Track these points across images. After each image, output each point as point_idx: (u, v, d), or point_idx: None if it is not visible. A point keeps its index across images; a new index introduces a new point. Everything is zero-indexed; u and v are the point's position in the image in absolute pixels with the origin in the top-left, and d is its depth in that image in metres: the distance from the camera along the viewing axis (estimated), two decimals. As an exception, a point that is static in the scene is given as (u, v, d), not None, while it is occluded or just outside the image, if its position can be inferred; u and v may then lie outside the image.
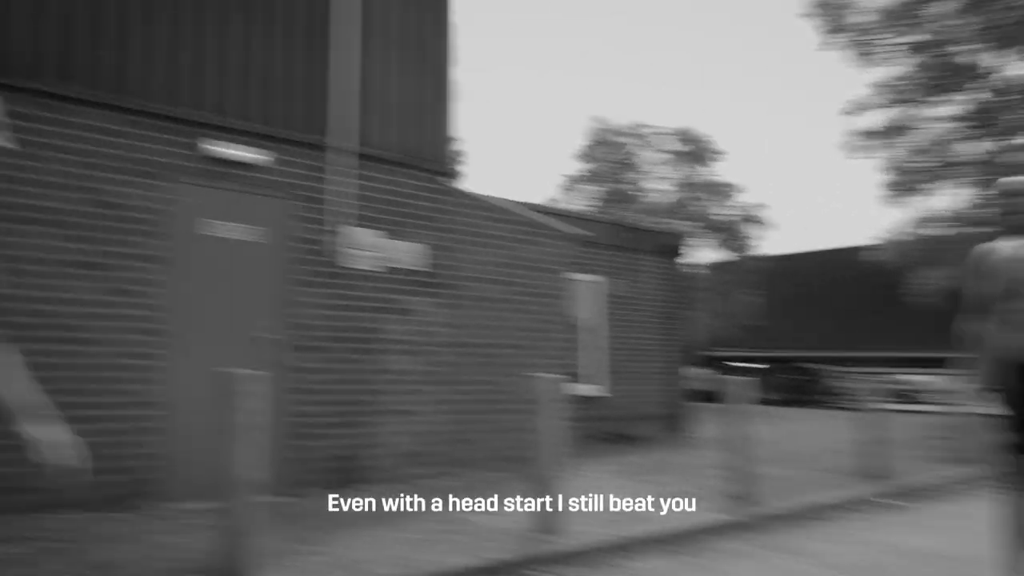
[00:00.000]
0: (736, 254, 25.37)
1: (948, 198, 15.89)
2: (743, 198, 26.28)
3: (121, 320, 5.30)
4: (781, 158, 60.75)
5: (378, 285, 6.53)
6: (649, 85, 61.87)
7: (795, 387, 21.62)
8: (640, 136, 28.23)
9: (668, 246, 11.77)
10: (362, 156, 6.53)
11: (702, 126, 60.23)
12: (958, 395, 9.77)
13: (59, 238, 5.11)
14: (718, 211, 25.97)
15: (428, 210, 6.91)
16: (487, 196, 7.70)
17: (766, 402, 20.35)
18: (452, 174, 7.16)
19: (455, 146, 7.24)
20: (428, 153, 6.94)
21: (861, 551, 4.93)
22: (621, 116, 52.50)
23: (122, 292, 5.32)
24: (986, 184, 14.86)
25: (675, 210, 24.99)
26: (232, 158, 5.79)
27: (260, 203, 6.00)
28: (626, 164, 27.68)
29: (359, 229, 6.44)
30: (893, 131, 15.69)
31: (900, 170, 15.52)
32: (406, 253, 6.69)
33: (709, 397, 22.70)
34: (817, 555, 4.82)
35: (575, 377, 9.97)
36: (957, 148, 15.16)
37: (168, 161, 5.57)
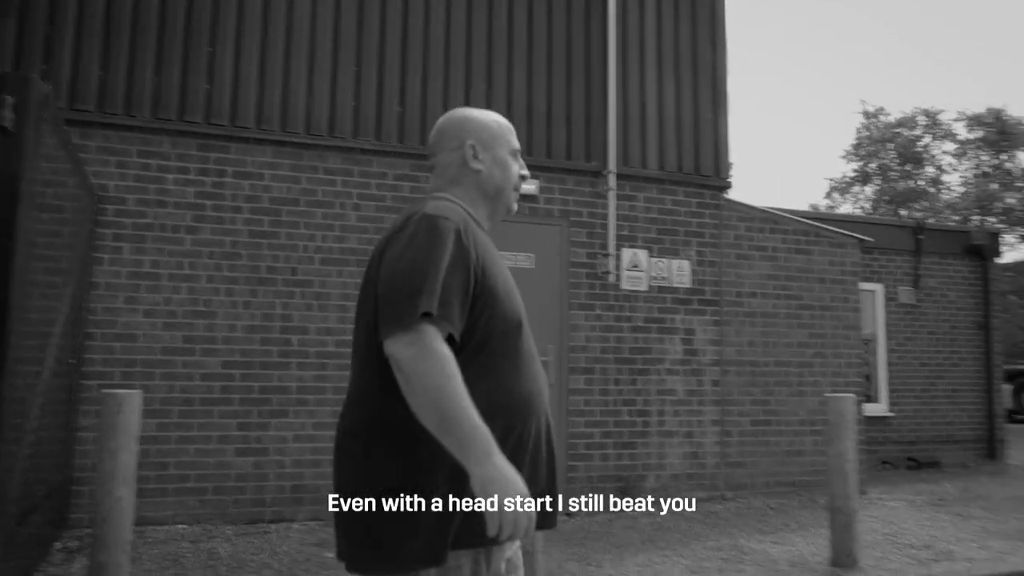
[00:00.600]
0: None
1: None
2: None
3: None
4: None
5: (651, 305, 6.52)
6: (939, 67, 55.12)
7: None
8: (929, 124, 25.34)
9: (975, 247, 10.39)
10: (635, 177, 6.59)
11: (1014, 106, 52.51)
12: None
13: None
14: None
15: (703, 226, 6.78)
16: (762, 206, 7.37)
17: None
18: (724, 188, 6.96)
19: (728, 159, 7.02)
20: (701, 168, 6.82)
21: None
22: (901, 104, 47.43)
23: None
24: None
25: (981, 204, 21.99)
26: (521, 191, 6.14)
27: (544, 232, 6.29)
28: (910, 157, 24.98)
29: (634, 250, 6.49)
30: None
31: None
32: (678, 270, 6.62)
33: (1012, 416, 19.53)
34: None
35: (866, 396, 9.16)
36: None
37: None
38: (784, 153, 58.63)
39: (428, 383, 1.40)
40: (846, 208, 25.83)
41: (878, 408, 9.94)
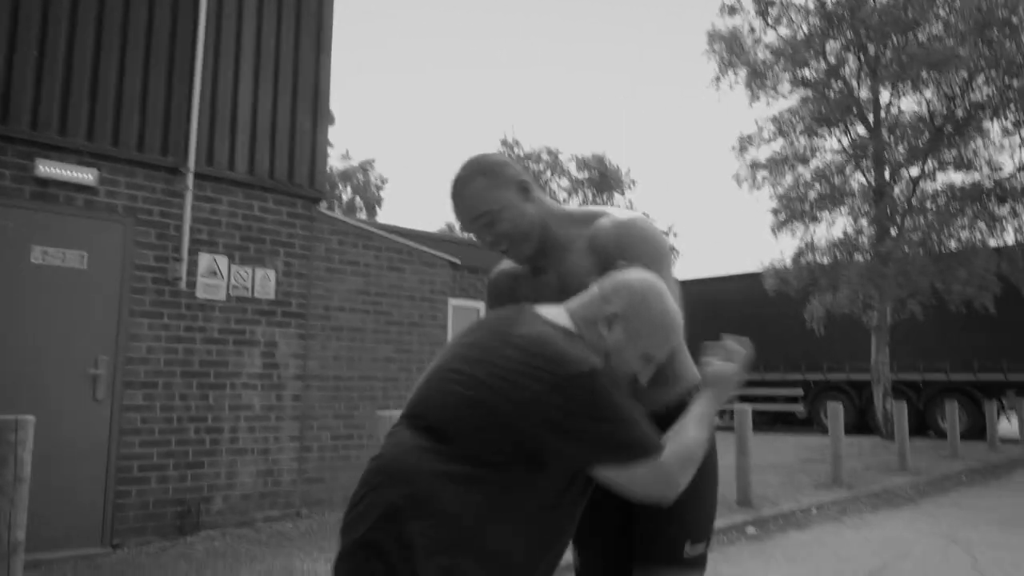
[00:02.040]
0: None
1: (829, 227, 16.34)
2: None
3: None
4: (684, 186, 61.99)
5: (229, 315, 6.03)
6: (555, 108, 62.33)
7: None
8: (551, 161, 28.26)
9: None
10: (220, 179, 6.05)
11: (613, 153, 61.10)
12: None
13: None
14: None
15: (294, 236, 6.45)
16: (355, 221, 7.29)
17: None
18: (318, 199, 6.73)
19: (324, 169, 6.81)
20: (295, 177, 6.50)
21: None
22: (531, 140, 52.74)
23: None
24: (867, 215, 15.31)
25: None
26: (70, 180, 5.24)
27: (100, 228, 5.44)
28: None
29: (213, 256, 5.94)
30: (779, 163, 16.04)
31: (785, 199, 15.86)
32: (263, 281, 6.22)
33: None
34: None
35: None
36: (839, 180, 15.59)
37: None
38: (438, 171, 61.55)
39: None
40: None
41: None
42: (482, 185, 1.79)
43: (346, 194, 38.73)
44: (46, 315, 5.20)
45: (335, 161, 37.10)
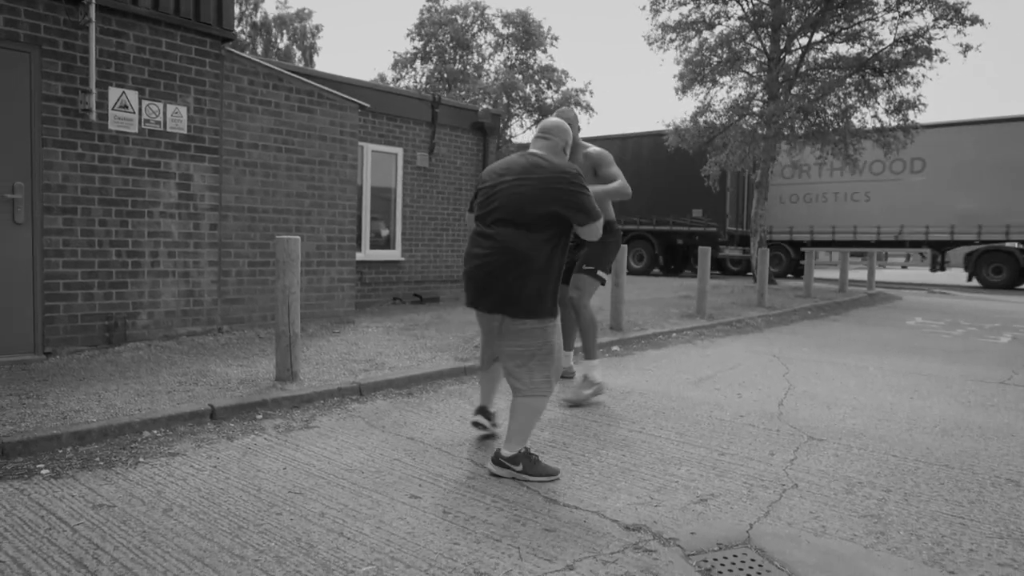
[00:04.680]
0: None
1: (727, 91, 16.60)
2: (571, 83, 26.23)
3: None
4: (602, 46, 60.41)
5: (143, 148, 6.02)
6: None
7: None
8: (477, 16, 27.12)
9: (479, 124, 11.60)
10: (125, 13, 5.82)
11: (537, 10, 58.40)
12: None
13: None
14: (549, 95, 25.79)
15: (203, 74, 6.34)
16: (267, 62, 7.16)
17: None
18: (227, 38, 6.56)
19: (232, 9, 6.58)
20: (201, 15, 6.28)
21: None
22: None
23: None
24: (760, 81, 15.60)
25: (506, 90, 24.60)
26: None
27: (3, 57, 5.26)
28: (461, 43, 26.63)
29: (123, 90, 5.83)
30: (686, 27, 15.97)
31: (690, 64, 15.95)
32: (174, 116, 6.16)
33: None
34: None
35: (359, 242, 9.88)
36: (740, 47, 15.70)
37: None
38: (364, 25, 58.07)
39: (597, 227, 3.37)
40: (407, 82, 26.82)
41: (393, 254, 10.87)
42: (563, 125, 3.72)
43: (282, 41, 36.60)
44: (-42, 140, 5.10)
45: (270, 7, 34.65)
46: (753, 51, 15.71)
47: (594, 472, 3.44)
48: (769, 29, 15.21)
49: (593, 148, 4.92)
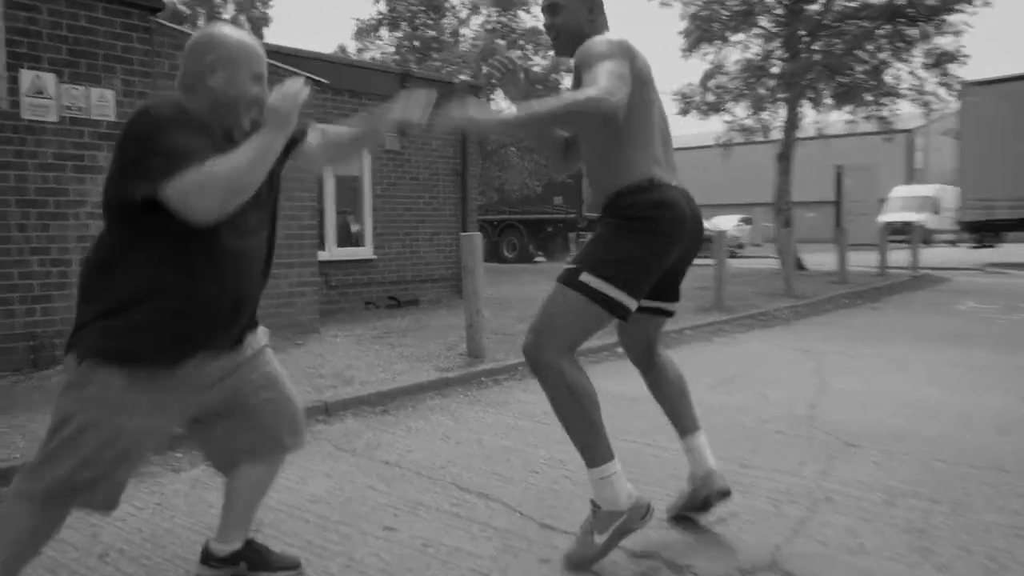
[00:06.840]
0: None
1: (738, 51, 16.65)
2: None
3: None
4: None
5: (64, 139, 5.97)
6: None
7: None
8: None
9: (445, 97, 11.58)
10: (37, -16, 5.79)
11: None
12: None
13: None
14: (537, 61, 25.75)
15: (131, 51, 6.30)
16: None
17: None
18: (156, 8, 6.52)
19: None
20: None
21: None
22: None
23: None
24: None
25: (485, 57, 24.52)
26: None
27: None
28: (433, 7, 26.54)
29: (37, 73, 5.80)
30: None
31: (696, 18, 15.97)
32: (99, 101, 6.13)
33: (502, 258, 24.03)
34: (517, 405, 5.16)
35: (322, 240, 9.85)
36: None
37: None
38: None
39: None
40: (373, 54, 26.73)
41: (363, 252, 10.86)
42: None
43: (228, 12, 36.48)
44: None
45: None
46: (769, 0, 15.73)
47: (597, 493, 3.44)
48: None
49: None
